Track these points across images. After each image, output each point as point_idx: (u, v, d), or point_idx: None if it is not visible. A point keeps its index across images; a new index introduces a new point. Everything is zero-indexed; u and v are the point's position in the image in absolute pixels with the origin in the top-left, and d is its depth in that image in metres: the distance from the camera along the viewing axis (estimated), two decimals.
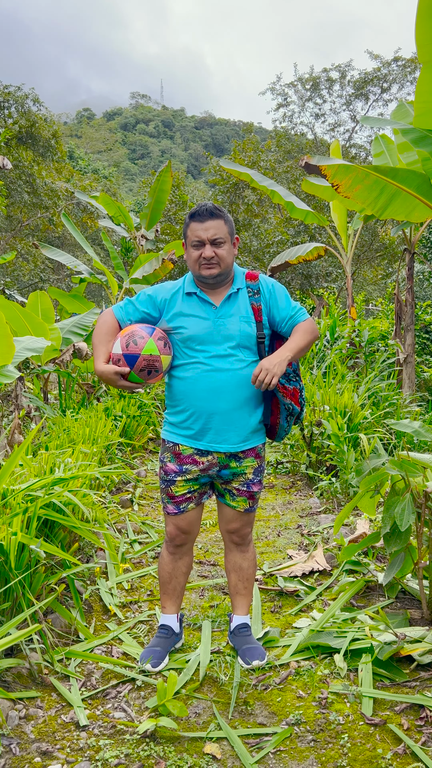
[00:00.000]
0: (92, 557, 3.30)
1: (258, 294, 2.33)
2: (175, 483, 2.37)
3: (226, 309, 2.29)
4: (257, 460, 2.40)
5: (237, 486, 2.39)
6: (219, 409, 2.27)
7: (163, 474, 2.42)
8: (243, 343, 2.28)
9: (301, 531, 3.96)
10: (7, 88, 18.05)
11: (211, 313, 2.29)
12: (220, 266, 2.25)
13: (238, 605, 2.56)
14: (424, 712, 2.05)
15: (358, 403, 5.45)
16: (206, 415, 2.28)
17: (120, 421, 5.83)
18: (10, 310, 5.49)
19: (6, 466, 2.52)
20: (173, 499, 2.39)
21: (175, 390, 2.35)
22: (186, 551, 2.50)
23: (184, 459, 2.35)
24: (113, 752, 1.92)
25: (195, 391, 2.27)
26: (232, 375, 2.25)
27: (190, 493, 2.39)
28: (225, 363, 2.25)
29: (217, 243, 2.23)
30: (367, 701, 2.11)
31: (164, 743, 1.97)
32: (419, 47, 3.97)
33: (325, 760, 1.88)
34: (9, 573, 2.35)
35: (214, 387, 2.25)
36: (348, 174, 4.42)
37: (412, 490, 2.51)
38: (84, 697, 2.22)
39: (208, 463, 2.34)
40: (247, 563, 2.53)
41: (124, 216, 10.32)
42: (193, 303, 2.32)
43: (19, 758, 1.90)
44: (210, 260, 2.22)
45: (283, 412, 2.35)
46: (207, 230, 2.21)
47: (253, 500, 2.44)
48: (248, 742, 1.98)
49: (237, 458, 2.35)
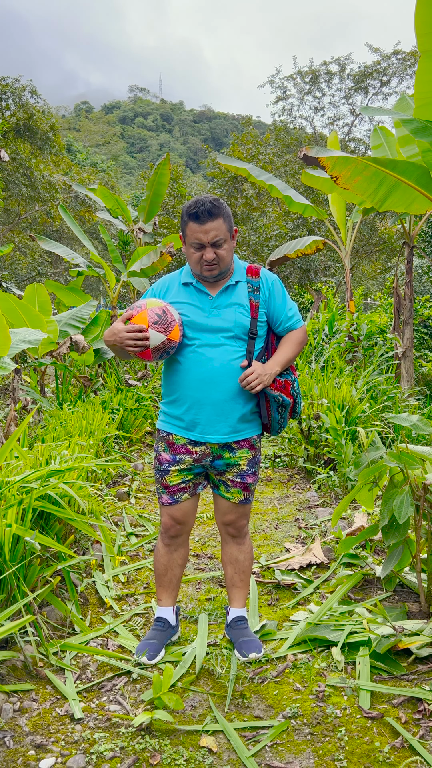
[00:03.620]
0: (88, 550, 3.27)
1: (257, 291, 2.32)
2: (169, 473, 2.37)
3: (222, 299, 2.29)
4: (252, 452, 2.39)
5: (231, 477, 2.39)
6: (210, 400, 2.26)
7: (157, 464, 2.41)
8: (237, 334, 2.27)
9: (298, 524, 3.94)
10: (4, 80, 17.92)
11: (206, 303, 2.29)
12: (221, 266, 2.25)
13: (235, 598, 2.55)
14: (422, 705, 2.03)
15: (356, 397, 5.42)
16: (197, 405, 2.28)
17: (117, 414, 5.80)
18: (7, 302, 5.45)
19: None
20: (167, 488, 2.39)
21: (169, 378, 2.36)
22: (181, 543, 2.48)
23: (177, 449, 2.34)
24: (108, 745, 1.90)
25: (187, 380, 2.28)
26: (224, 365, 2.24)
27: (184, 483, 2.38)
28: (217, 353, 2.25)
29: (217, 244, 2.21)
30: (365, 694, 2.09)
31: (160, 736, 1.95)
32: (418, 36, 3.92)
33: (322, 754, 1.86)
34: (3, 565, 2.33)
35: (206, 377, 2.25)
36: (347, 165, 4.39)
37: (410, 483, 2.49)
38: (79, 689, 2.20)
39: (201, 453, 2.33)
40: (243, 555, 2.51)
41: (122, 209, 10.25)
42: (190, 292, 2.32)
43: (12, 751, 1.88)
44: (211, 262, 2.22)
45: (273, 405, 2.33)
46: (207, 232, 2.18)
47: (248, 492, 2.42)
48: (244, 735, 1.97)
49: (230, 449, 2.34)
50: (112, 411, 5.85)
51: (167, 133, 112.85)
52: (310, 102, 22.19)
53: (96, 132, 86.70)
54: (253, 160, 16.85)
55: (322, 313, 9.76)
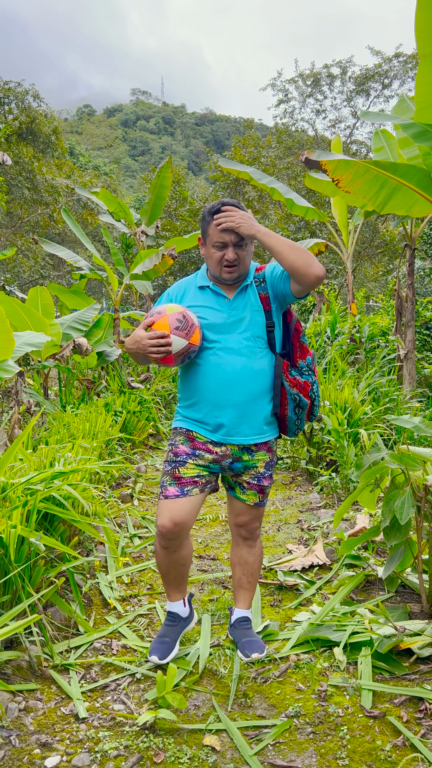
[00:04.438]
0: (92, 551, 3.30)
1: (263, 282, 2.33)
2: (186, 464, 2.29)
3: (239, 301, 2.30)
4: (269, 454, 2.39)
5: (248, 479, 2.38)
6: (231, 402, 2.25)
7: (171, 456, 2.33)
8: (256, 333, 2.28)
9: (300, 526, 3.96)
10: (7, 84, 18.01)
11: (225, 305, 2.30)
12: (240, 269, 2.26)
13: (240, 599, 2.55)
14: (423, 704, 2.05)
15: (358, 399, 5.44)
16: (219, 408, 2.26)
17: (120, 416, 5.83)
18: (10, 306, 5.49)
19: (3, 458, 2.52)
20: (179, 480, 2.27)
21: (189, 382, 2.34)
22: (179, 544, 2.30)
23: (198, 444, 2.31)
24: (112, 744, 1.92)
25: (208, 383, 2.27)
26: (245, 367, 2.24)
27: (198, 477, 2.30)
28: (238, 355, 2.25)
29: (240, 245, 2.23)
30: (367, 694, 2.11)
31: (163, 735, 1.97)
32: (419, 40, 3.95)
33: (324, 752, 1.88)
34: (8, 566, 2.35)
35: (228, 379, 2.24)
36: (348, 169, 4.41)
37: (411, 484, 2.51)
38: (83, 689, 2.22)
39: (222, 454, 2.31)
40: (253, 558, 2.51)
41: (124, 212, 10.30)
42: (207, 295, 2.33)
43: (18, 750, 1.90)
44: (232, 262, 2.23)
45: (290, 404, 2.33)
46: (231, 233, 2.20)
47: (263, 494, 2.42)
48: (247, 734, 1.98)
49: (250, 451, 2.34)
50: (115, 413, 5.88)
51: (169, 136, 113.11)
52: (311, 105, 22.23)
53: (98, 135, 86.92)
54: (255, 163, 16.88)
55: (324, 315, 9.78)
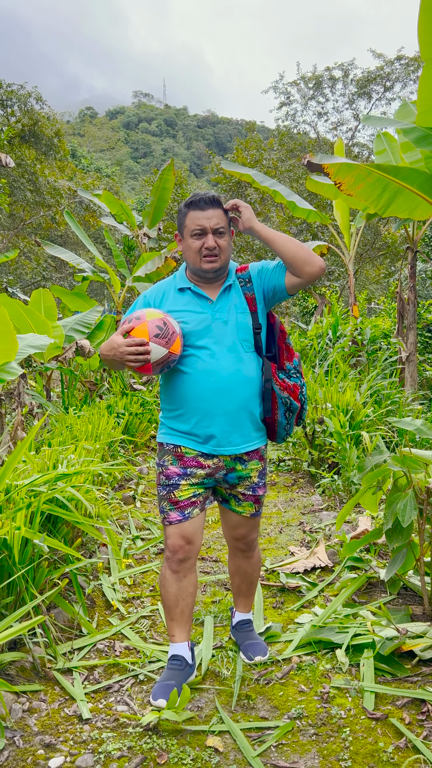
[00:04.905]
0: (95, 553, 3.31)
1: (249, 282, 2.25)
2: (179, 487, 2.19)
3: (223, 302, 2.21)
4: (261, 463, 2.31)
5: (243, 491, 2.29)
6: (222, 410, 2.16)
7: (163, 479, 2.22)
8: (242, 336, 2.19)
9: (302, 528, 3.97)
10: (9, 87, 18.08)
11: (207, 308, 2.20)
12: (221, 258, 2.17)
13: (240, 603, 2.53)
14: (426, 706, 2.05)
15: (360, 401, 5.45)
16: (209, 417, 2.16)
17: (122, 418, 5.85)
18: (13, 308, 5.51)
19: (9, 461, 2.53)
20: (177, 504, 2.19)
21: (175, 391, 2.21)
22: (190, 567, 2.23)
23: (187, 461, 2.20)
24: (116, 745, 1.93)
25: (197, 392, 2.16)
26: (236, 373, 2.16)
27: (195, 497, 2.22)
28: (227, 360, 2.15)
29: (219, 232, 2.15)
30: (369, 696, 2.12)
31: (167, 736, 1.98)
32: (422, 45, 3.96)
33: (326, 754, 1.89)
34: (12, 567, 2.36)
35: (218, 386, 2.14)
36: (350, 172, 4.42)
37: (414, 487, 2.52)
38: (87, 691, 2.23)
39: (214, 467, 2.22)
40: (252, 568, 2.46)
41: (126, 214, 10.32)
42: (188, 298, 2.22)
43: (22, 750, 1.91)
44: (212, 250, 2.13)
45: (281, 408, 2.24)
46: (209, 219, 2.12)
47: (259, 504, 2.35)
48: (250, 735, 1.99)
49: (242, 461, 2.25)
50: (118, 415, 5.90)
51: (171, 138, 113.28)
52: (313, 107, 22.24)
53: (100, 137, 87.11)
54: (257, 166, 16.91)
55: (326, 318, 9.80)
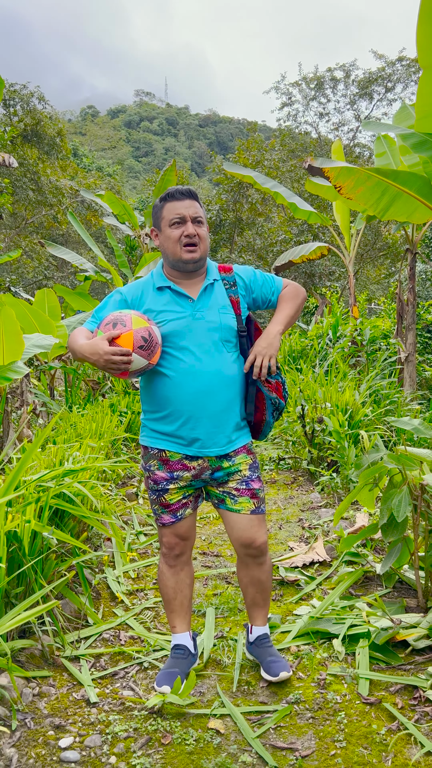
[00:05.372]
0: (100, 547, 3.41)
1: (234, 286, 2.23)
2: (168, 491, 2.21)
3: (204, 301, 2.17)
4: (249, 456, 2.26)
5: (235, 486, 2.22)
6: (207, 412, 2.13)
7: (152, 484, 2.23)
8: (226, 337, 2.16)
9: (302, 524, 4.06)
10: (12, 87, 18.19)
11: (188, 307, 2.15)
12: (200, 248, 2.14)
13: (257, 616, 2.40)
14: (418, 692, 2.15)
15: (359, 401, 5.54)
16: (194, 419, 2.13)
17: (125, 417, 5.94)
18: (19, 308, 5.60)
19: (23, 459, 2.63)
20: (168, 507, 2.22)
21: (157, 393, 2.17)
22: (186, 561, 2.32)
23: (173, 465, 2.19)
24: (122, 726, 2.03)
25: (180, 395, 2.12)
26: (219, 374, 2.12)
27: (185, 498, 2.24)
28: (210, 360, 2.11)
29: (198, 221, 2.14)
30: (364, 682, 2.22)
31: (170, 719, 2.08)
32: (420, 51, 4.06)
33: (323, 735, 1.99)
34: (22, 559, 2.46)
35: (201, 389, 2.11)
36: (350, 176, 4.52)
37: (408, 483, 2.61)
38: (94, 677, 2.33)
39: (200, 468, 2.19)
40: (266, 575, 2.33)
41: (128, 214, 10.42)
42: (167, 298, 2.17)
43: (33, 731, 2.01)
44: (192, 238, 2.11)
45: (269, 408, 2.24)
46: (188, 208, 2.12)
47: (257, 499, 2.24)
48: (250, 718, 2.09)
49: (228, 457, 2.21)
50: (120, 414, 5.99)
51: (172, 137, 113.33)
52: (315, 108, 22.35)
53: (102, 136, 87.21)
54: (258, 166, 17.00)
55: (326, 318, 9.89)
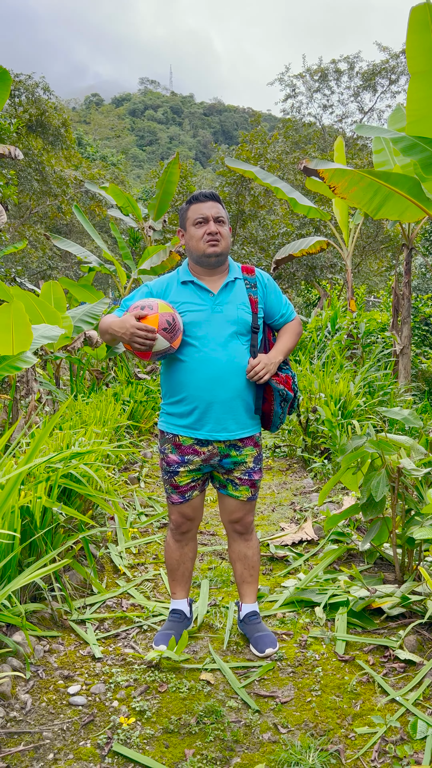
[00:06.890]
0: (104, 525, 3.66)
1: (255, 287, 2.41)
2: (179, 473, 2.41)
3: (224, 296, 2.34)
4: (256, 449, 2.44)
5: (239, 475, 2.42)
6: (218, 398, 2.29)
7: (165, 465, 2.44)
8: (241, 331, 2.32)
9: (294, 507, 4.31)
10: (17, 77, 18.28)
11: (209, 300, 2.33)
12: (222, 245, 2.32)
13: (246, 593, 2.60)
14: (388, 651, 2.40)
15: (353, 392, 5.78)
16: (206, 403, 2.30)
17: (128, 405, 6.19)
18: (26, 300, 5.83)
19: (35, 443, 2.86)
20: (177, 488, 2.44)
21: (173, 379, 2.37)
22: (191, 537, 2.57)
23: (185, 449, 2.38)
24: (124, 677, 2.29)
25: (194, 380, 2.30)
26: (231, 363, 2.28)
27: (194, 481, 2.44)
28: (224, 350, 2.28)
29: (219, 221, 2.33)
30: (341, 643, 2.47)
31: (167, 671, 2.34)
32: (409, 59, 4.25)
33: (301, 686, 2.24)
34: (34, 531, 2.71)
35: (214, 375, 2.27)
36: (344, 177, 4.72)
37: (387, 466, 2.85)
38: (98, 637, 2.59)
39: (209, 453, 2.37)
40: (252, 551, 2.56)
41: (132, 207, 10.61)
42: (190, 291, 2.36)
43: (45, 681, 2.27)
44: (215, 235, 2.30)
45: (277, 398, 2.37)
46: (210, 209, 2.32)
47: (255, 489, 2.47)
48: (237, 672, 2.35)
49: (236, 447, 2.38)
50: (123, 402, 6.24)
51: (177, 126, 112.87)
52: (318, 100, 22.42)
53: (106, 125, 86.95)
54: (261, 159, 17.13)
55: (325, 311, 10.11)
